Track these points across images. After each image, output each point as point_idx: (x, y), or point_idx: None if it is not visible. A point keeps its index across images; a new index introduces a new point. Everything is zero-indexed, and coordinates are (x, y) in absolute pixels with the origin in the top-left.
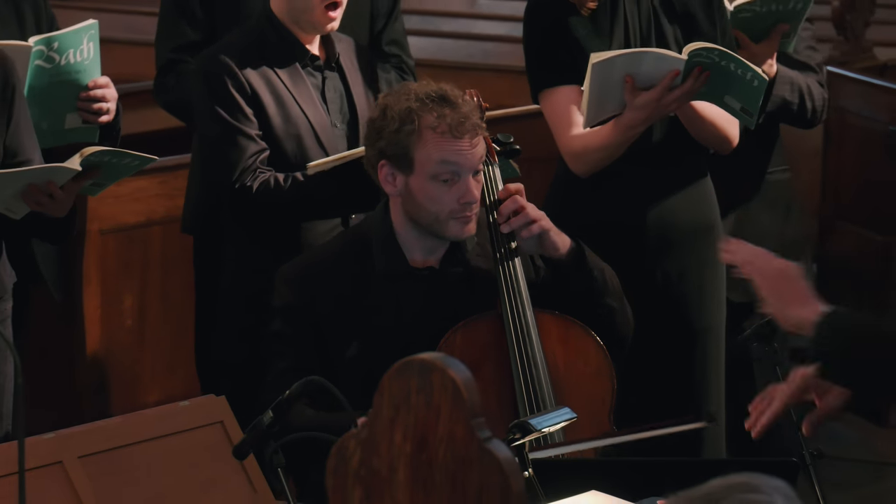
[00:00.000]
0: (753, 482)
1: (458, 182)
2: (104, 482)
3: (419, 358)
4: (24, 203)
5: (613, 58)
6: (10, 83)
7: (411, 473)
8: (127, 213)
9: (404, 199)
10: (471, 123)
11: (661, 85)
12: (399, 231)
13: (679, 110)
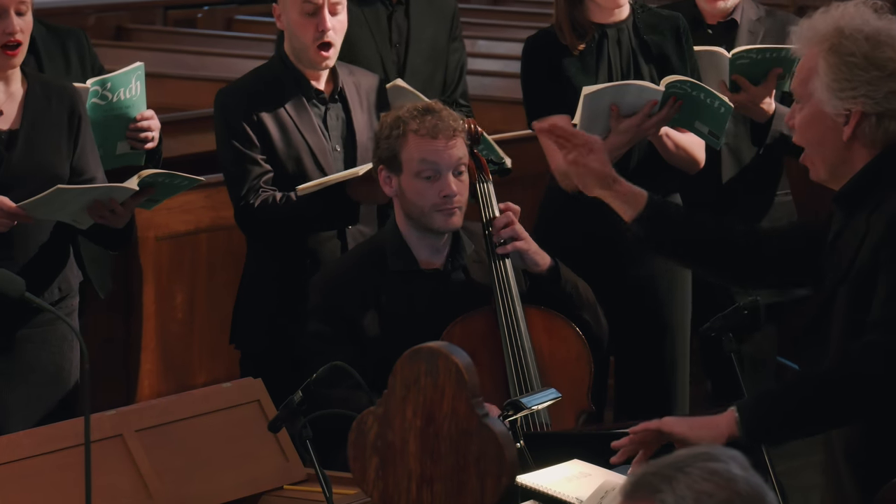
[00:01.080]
0: (713, 452)
1: (439, 179)
2: (157, 452)
3: (427, 346)
4: (88, 216)
5: (602, 89)
6: (76, 113)
7: (420, 444)
8: (178, 222)
9: (400, 199)
10: (447, 126)
11: (641, 112)
12: (404, 233)
13: (654, 139)
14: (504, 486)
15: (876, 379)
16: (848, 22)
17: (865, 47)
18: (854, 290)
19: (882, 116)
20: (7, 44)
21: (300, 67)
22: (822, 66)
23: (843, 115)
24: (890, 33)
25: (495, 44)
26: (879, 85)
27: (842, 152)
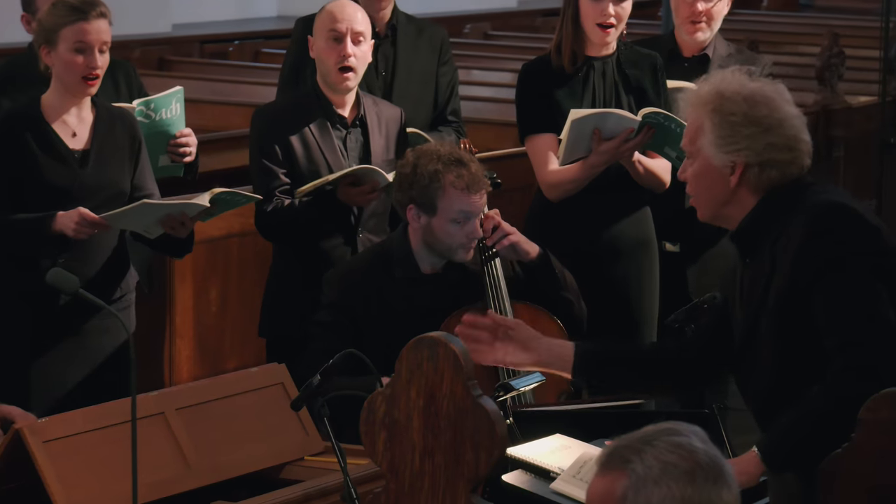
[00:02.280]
0: (677, 427)
1: (467, 224)
2: (195, 428)
3: (429, 336)
4: (160, 227)
5: (588, 115)
6: (136, 138)
7: (423, 421)
8: (213, 228)
9: (425, 232)
10: (479, 181)
11: (619, 137)
12: (416, 250)
13: (627, 164)
14: (496, 458)
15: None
16: (727, 86)
17: (744, 107)
18: (776, 318)
19: (763, 166)
20: (88, 76)
21: (328, 94)
22: (707, 125)
23: (728, 166)
24: (763, 93)
25: (487, 73)
26: (759, 139)
27: (730, 198)
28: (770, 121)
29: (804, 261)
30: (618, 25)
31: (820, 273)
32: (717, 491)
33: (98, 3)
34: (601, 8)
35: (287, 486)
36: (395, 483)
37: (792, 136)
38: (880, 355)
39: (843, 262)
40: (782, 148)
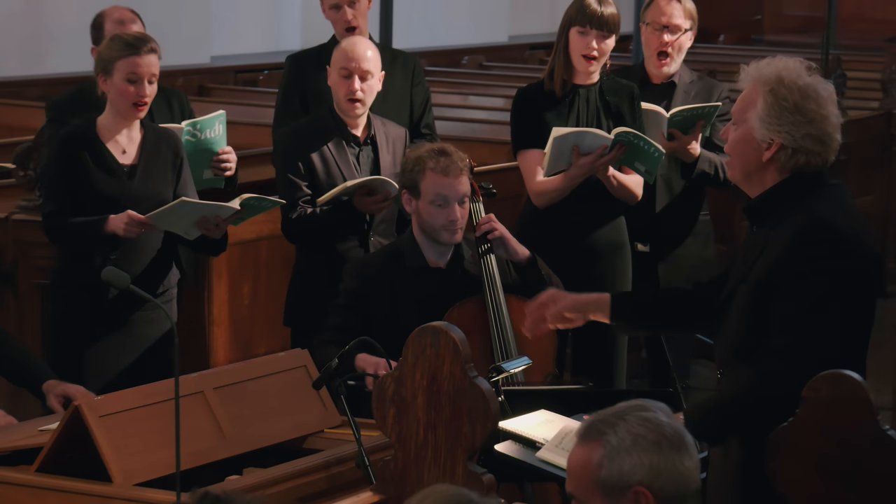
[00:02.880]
0: (645, 404)
1: (447, 207)
2: (229, 404)
3: (431, 325)
4: (197, 230)
5: (568, 133)
6: (179, 155)
7: (426, 399)
8: (245, 232)
9: (417, 216)
10: (456, 167)
11: (595, 153)
12: (418, 240)
13: (603, 178)
14: (489, 430)
15: (780, 397)
16: (787, 74)
17: (797, 97)
18: (751, 295)
19: (796, 151)
20: (138, 103)
21: (342, 117)
22: (761, 102)
23: (766, 142)
24: (816, 89)
25: (482, 98)
26: (800, 127)
27: (758, 167)
28: (815, 115)
29: (783, 266)
30: (600, 58)
31: (789, 282)
32: (679, 458)
33: (148, 39)
34: (587, 42)
35: (309, 454)
36: (403, 452)
37: (828, 133)
38: (795, 379)
39: (808, 280)
40: (817, 140)
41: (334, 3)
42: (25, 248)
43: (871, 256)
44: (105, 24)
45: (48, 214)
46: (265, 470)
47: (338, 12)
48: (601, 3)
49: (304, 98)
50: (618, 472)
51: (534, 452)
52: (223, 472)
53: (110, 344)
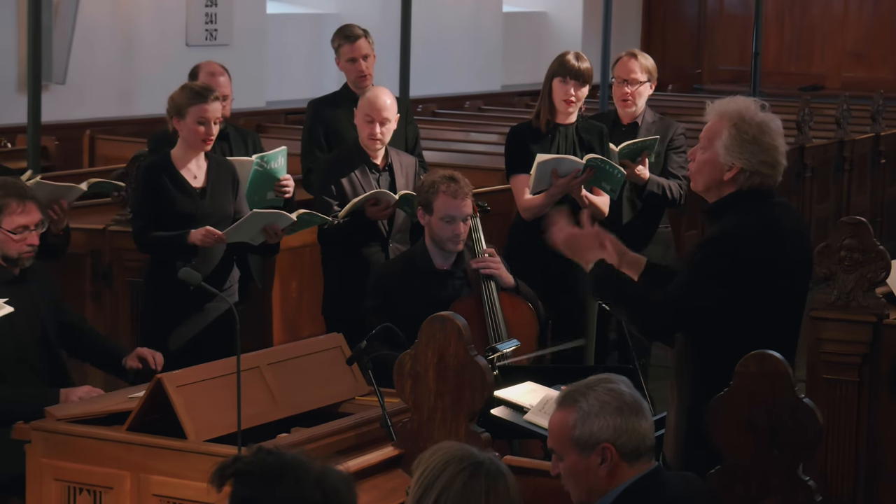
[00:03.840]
0: (610, 377)
1: (453, 224)
2: (280, 377)
3: (440, 314)
4: (261, 237)
5: (549, 159)
6: (235, 179)
7: (436, 373)
8: (293, 240)
9: (429, 229)
10: (462, 192)
11: (569, 175)
12: (429, 247)
13: (577, 197)
14: (486, 397)
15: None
16: (747, 111)
17: (756, 130)
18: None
19: (753, 174)
20: (205, 140)
21: (366, 149)
22: (725, 133)
23: (728, 165)
24: (769, 125)
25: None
26: (757, 155)
27: (719, 183)
28: (768, 145)
29: (696, 251)
30: (577, 103)
31: (693, 252)
32: (637, 421)
33: (213, 89)
34: (566, 90)
35: (342, 417)
36: (418, 415)
37: (777, 160)
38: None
39: (703, 255)
40: (769, 166)
41: (350, 57)
42: (119, 253)
43: (786, 261)
44: (200, 74)
45: (138, 230)
46: (308, 429)
47: (353, 64)
48: (578, 59)
49: (325, 133)
50: (588, 432)
51: (521, 416)
52: (275, 430)
53: (189, 329)
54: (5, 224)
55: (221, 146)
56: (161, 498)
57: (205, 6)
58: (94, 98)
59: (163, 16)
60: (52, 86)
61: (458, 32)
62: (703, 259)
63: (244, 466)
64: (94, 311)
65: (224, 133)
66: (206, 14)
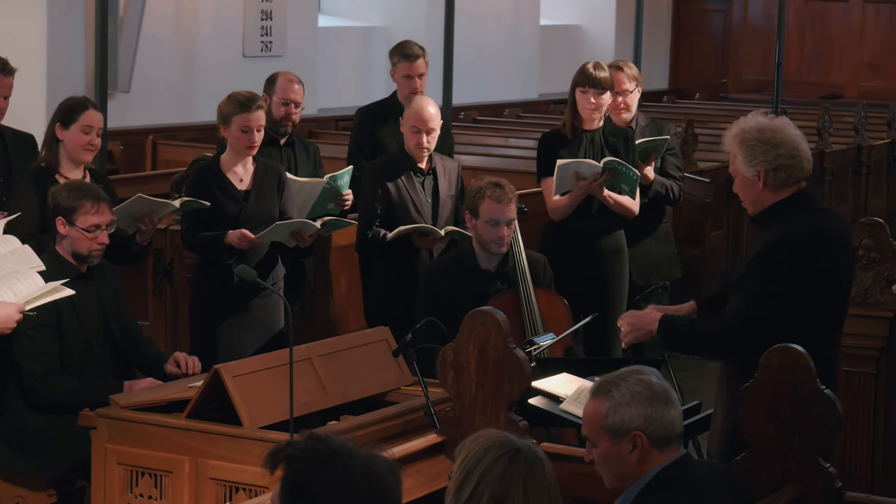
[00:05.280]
0: (641, 368)
1: (497, 227)
2: (330, 368)
3: (481, 309)
4: (293, 240)
5: (568, 163)
6: (282, 181)
7: (477, 364)
8: (341, 240)
9: (475, 231)
10: (507, 197)
11: (589, 178)
12: (476, 248)
13: (601, 198)
14: (524, 387)
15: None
16: (745, 123)
17: (756, 134)
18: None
19: (776, 169)
20: (250, 146)
21: (411, 155)
22: (736, 151)
23: (754, 175)
24: (770, 123)
25: (519, 140)
26: (770, 152)
27: (757, 195)
28: (775, 139)
29: (750, 265)
30: (598, 109)
31: (748, 276)
32: (667, 410)
33: (258, 98)
34: (587, 98)
35: (388, 406)
36: (459, 404)
37: (792, 147)
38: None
39: (760, 267)
40: (786, 156)
41: (407, 74)
42: (179, 252)
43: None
44: (278, 80)
45: (185, 230)
46: (356, 417)
47: (408, 81)
48: (596, 69)
49: (371, 139)
50: (620, 420)
51: (557, 405)
52: (325, 418)
53: (235, 323)
54: (80, 222)
55: (287, 154)
56: (218, 481)
57: (260, 20)
58: (157, 105)
59: (221, 29)
60: (117, 94)
61: (497, 44)
62: (761, 270)
63: (295, 452)
64: (155, 306)
65: (291, 142)
66: (262, 27)
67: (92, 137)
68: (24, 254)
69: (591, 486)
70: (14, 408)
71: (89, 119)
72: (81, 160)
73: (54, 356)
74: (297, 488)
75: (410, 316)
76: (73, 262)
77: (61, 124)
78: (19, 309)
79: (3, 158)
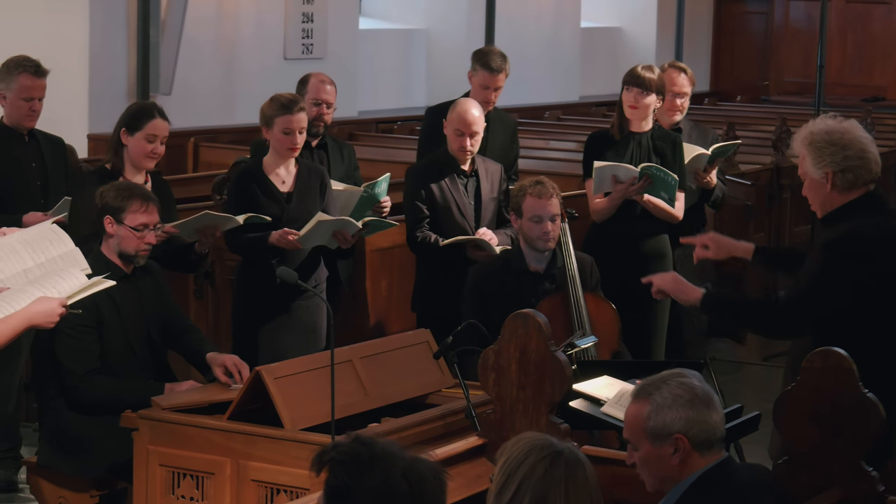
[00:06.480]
0: (682, 371)
1: (541, 223)
2: (371, 370)
3: (523, 311)
4: (335, 241)
5: (605, 165)
6: (324, 183)
7: (518, 366)
8: (383, 241)
9: (521, 231)
10: (547, 192)
11: (626, 182)
12: (523, 249)
13: (642, 203)
14: (565, 390)
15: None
16: (814, 126)
17: (824, 136)
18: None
19: (844, 170)
20: (292, 148)
21: (455, 156)
22: (804, 153)
23: (822, 177)
24: (838, 126)
25: (559, 143)
26: (837, 154)
27: (825, 198)
28: (843, 141)
29: (815, 255)
30: (640, 110)
31: (817, 253)
32: (708, 413)
33: (300, 100)
34: (630, 97)
35: (429, 408)
36: (500, 406)
37: (860, 149)
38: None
39: (827, 258)
40: (854, 157)
41: (485, 84)
42: (221, 254)
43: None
44: (310, 80)
45: (229, 231)
46: (397, 419)
47: (484, 91)
48: (644, 69)
49: (441, 138)
50: (661, 423)
51: (599, 408)
52: (366, 420)
53: (277, 325)
54: (128, 221)
55: (320, 155)
56: (259, 483)
57: (301, 22)
58: (198, 108)
59: (262, 31)
60: (159, 96)
61: (538, 47)
62: (827, 261)
63: (338, 455)
64: (196, 308)
65: (323, 143)
66: (303, 30)
67: (156, 146)
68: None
69: (633, 490)
70: (55, 407)
71: (154, 128)
72: (143, 167)
73: (95, 356)
74: (337, 492)
75: (454, 316)
76: (118, 263)
77: (127, 130)
78: (61, 303)
79: (40, 161)
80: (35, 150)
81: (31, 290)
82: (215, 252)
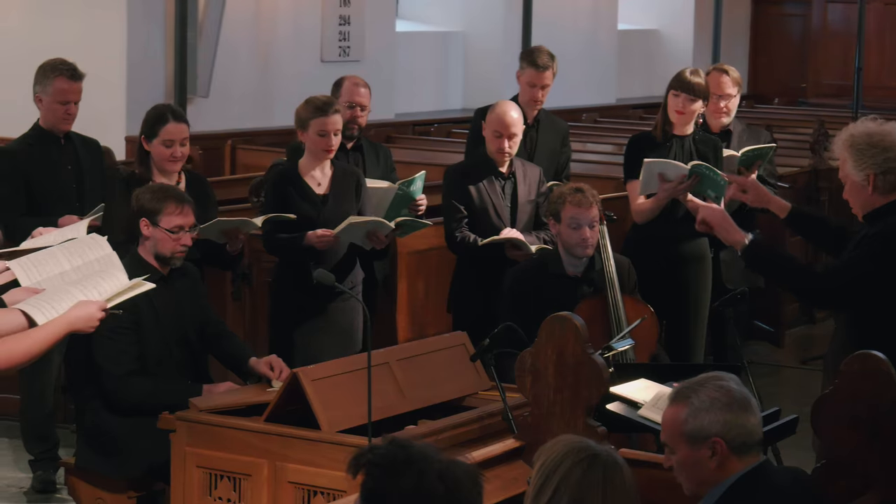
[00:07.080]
0: (720, 374)
1: (580, 230)
2: (408, 372)
3: (560, 314)
4: (369, 242)
5: (656, 161)
6: (361, 184)
7: (555, 369)
8: (419, 243)
9: (559, 236)
10: (587, 200)
11: (675, 181)
12: (561, 253)
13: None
14: (602, 393)
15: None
16: (855, 129)
17: (865, 138)
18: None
19: (886, 172)
20: (327, 150)
21: (493, 158)
22: (846, 155)
23: (864, 179)
24: (879, 129)
25: (597, 145)
26: (878, 155)
27: (866, 200)
28: (884, 143)
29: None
30: (686, 115)
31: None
32: (746, 417)
33: (335, 102)
34: (677, 102)
35: (466, 410)
36: (537, 409)
37: None
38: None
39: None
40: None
41: (531, 82)
42: (258, 255)
43: None
44: (344, 83)
45: (266, 234)
46: (434, 421)
47: (531, 89)
48: (692, 75)
49: None
50: (699, 427)
51: (636, 411)
52: (403, 423)
53: (313, 326)
54: (164, 223)
55: (355, 157)
56: (296, 485)
57: (338, 25)
58: (235, 110)
59: (299, 34)
60: (196, 99)
61: (575, 49)
62: (870, 246)
63: (375, 458)
64: (234, 310)
65: (358, 145)
66: (340, 32)
67: (175, 150)
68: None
69: (670, 493)
70: (93, 409)
71: (169, 133)
72: (169, 171)
73: (133, 357)
74: (373, 494)
75: (490, 318)
76: (154, 265)
77: (146, 137)
78: (101, 307)
79: (76, 164)
80: (71, 152)
81: (73, 290)
82: (253, 254)
